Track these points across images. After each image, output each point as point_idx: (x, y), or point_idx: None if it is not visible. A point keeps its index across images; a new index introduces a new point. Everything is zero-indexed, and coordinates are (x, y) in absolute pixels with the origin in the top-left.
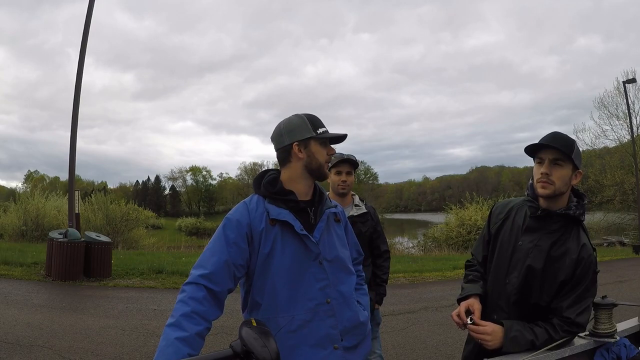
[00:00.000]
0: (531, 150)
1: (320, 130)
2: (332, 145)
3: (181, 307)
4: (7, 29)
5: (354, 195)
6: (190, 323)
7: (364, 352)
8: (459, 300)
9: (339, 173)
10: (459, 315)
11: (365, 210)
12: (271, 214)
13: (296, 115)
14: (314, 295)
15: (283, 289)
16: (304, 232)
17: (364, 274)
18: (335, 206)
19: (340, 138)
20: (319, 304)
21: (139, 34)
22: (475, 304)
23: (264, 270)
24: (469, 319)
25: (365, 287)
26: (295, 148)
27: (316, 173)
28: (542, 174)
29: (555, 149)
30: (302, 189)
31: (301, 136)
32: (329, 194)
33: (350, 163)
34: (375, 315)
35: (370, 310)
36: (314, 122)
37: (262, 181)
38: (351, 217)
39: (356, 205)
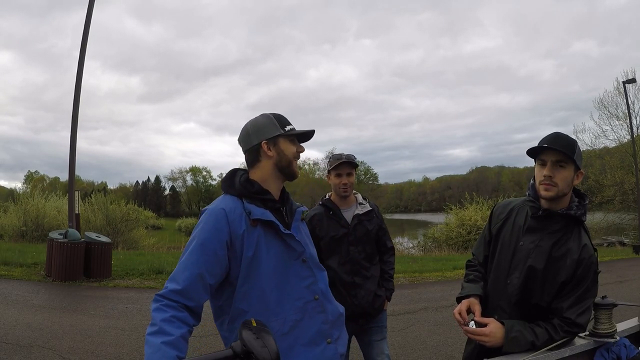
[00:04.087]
0: (533, 152)
1: (288, 127)
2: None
3: (160, 314)
4: (17, 33)
5: (357, 194)
6: (173, 327)
7: (344, 342)
8: (458, 299)
9: (338, 175)
10: (460, 314)
11: (370, 208)
12: (254, 214)
13: (263, 115)
14: (301, 294)
15: (272, 292)
16: (288, 231)
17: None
18: (300, 205)
19: (308, 134)
20: (308, 301)
21: (146, 39)
22: (475, 304)
23: (249, 274)
24: (472, 321)
25: None
26: (265, 146)
27: (286, 171)
28: (544, 176)
29: (557, 150)
30: (274, 188)
31: (269, 134)
32: (332, 195)
33: (349, 164)
34: (382, 313)
35: (382, 307)
36: (281, 120)
37: (239, 180)
38: (357, 216)
39: (360, 204)
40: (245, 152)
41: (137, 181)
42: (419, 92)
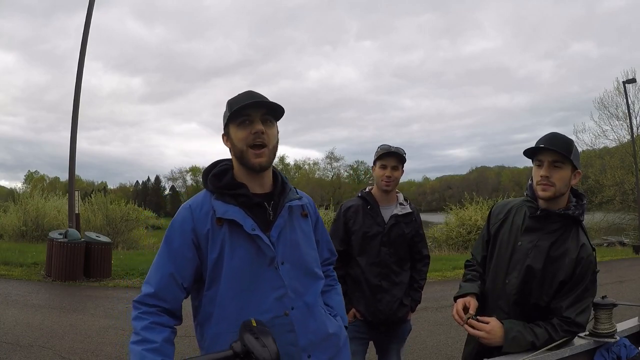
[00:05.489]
0: (530, 152)
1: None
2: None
3: (140, 323)
4: (20, 34)
5: (399, 193)
6: (154, 332)
7: None
8: (456, 298)
9: (383, 167)
10: (457, 313)
11: (410, 211)
12: (217, 212)
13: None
14: (269, 306)
15: (233, 300)
16: (256, 232)
17: (334, 273)
18: (300, 198)
19: (252, 105)
20: (276, 316)
21: (149, 40)
22: (471, 301)
23: (214, 278)
24: (471, 315)
25: (338, 287)
26: (224, 139)
27: (243, 162)
28: (542, 176)
29: (554, 151)
30: (251, 181)
31: (224, 124)
32: (373, 189)
33: (396, 157)
34: (406, 324)
35: (405, 317)
36: (234, 102)
37: (212, 173)
38: (395, 216)
39: (400, 204)
40: None
41: (137, 181)
42: (419, 92)
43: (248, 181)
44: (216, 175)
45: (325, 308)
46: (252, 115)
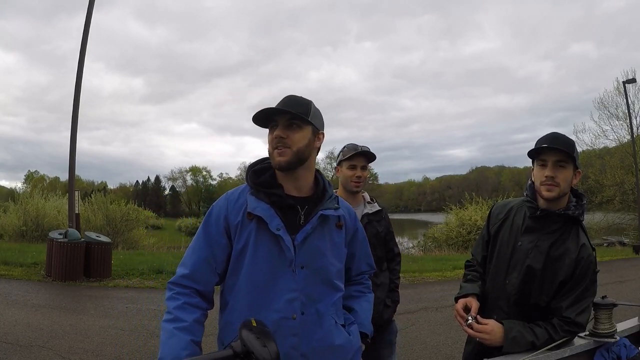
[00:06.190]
0: (534, 153)
1: None
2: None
3: (173, 303)
4: (22, 35)
5: (364, 193)
6: (186, 312)
7: None
8: (457, 299)
9: (352, 167)
10: (458, 314)
11: (380, 208)
12: (248, 207)
13: None
14: (280, 306)
15: (248, 293)
16: (280, 232)
17: (369, 282)
18: (337, 208)
19: (268, 112)
20: (284, 317)
21: (150, 41)
22: (472, 302)
23: (235, 269)
24: (470, 317)
25: (370, 295)
26: None
27: (272, 162)
28: (546, 177)
29: (558, 150)
30: (288, 182)
31: None
32: (338, 191)
33: (365, 157)
34: (392, 325)
35: (390, 319)
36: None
37: (251, 170)
38: (367, 215)
39: (369, 203)
40: None
41: (137, 181)
42: (418, 93)
43: (284, 182)
44: (256, 172)
45: (338, 319)
46: (277, 121)
